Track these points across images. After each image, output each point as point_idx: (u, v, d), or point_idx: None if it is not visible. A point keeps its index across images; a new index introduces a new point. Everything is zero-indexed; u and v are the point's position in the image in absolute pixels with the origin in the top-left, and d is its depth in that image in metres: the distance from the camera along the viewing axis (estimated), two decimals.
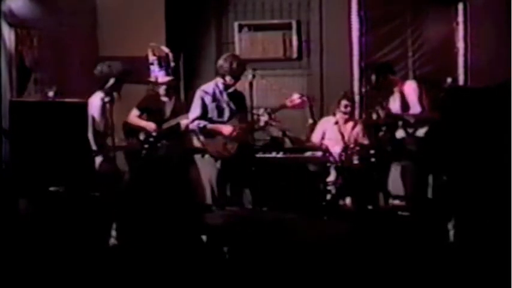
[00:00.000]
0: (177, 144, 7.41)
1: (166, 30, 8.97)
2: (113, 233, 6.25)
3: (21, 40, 7.60)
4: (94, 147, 6.77)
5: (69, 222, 5.70)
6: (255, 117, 6.90)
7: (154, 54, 7.45)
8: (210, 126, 6.82)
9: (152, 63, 7.47)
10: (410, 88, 7.61)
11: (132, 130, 7.53)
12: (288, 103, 6.94)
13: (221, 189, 6.83)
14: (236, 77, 6.82)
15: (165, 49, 7.52)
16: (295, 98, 6.92)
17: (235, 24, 9.43)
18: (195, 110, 6.87)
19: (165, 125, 7.35)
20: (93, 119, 6.81)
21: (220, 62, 6.88)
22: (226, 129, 6.77)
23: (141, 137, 7.37)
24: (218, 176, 6.81)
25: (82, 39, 8.53)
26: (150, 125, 7.35)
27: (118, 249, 5.98)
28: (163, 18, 9.06)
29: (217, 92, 6.88)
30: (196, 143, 7.17)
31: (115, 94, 6.88)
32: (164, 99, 7.53)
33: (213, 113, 6.87)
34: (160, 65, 7.44)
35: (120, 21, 8.73)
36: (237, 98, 6.94)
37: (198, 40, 9.48)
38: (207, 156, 6.92)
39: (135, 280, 4.89)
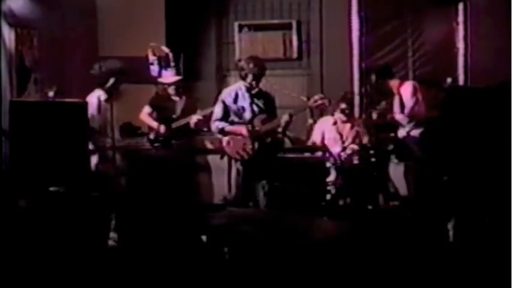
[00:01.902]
0: (186, 144, 7.42)
1: (166, 30, 8.98)
2: (113, 233, 6.26)
3: (21, 40, 7.60)
4: (91, 147, 6.75)
5: (69, 222, 5.70)
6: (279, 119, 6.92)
7: (154, 54, 7.45)
8: (228, 128, 6.86)
9: (152, 63, 7.46)
10: (407, 89, 7.64)
11: (130, 130, 7.54)
12: (312, 103, 6.98)
13: (242, 190, 6.83)
14: (257, 79, 6.84)
15: (165, 49, 7.52)
16: (317, 98, 6.97)
17: (235, 24, 9.44)
18: (216, 113, 6.94)
19: (174, 125, 7.37)
20: (91, 117, 6.79)
21: (241, 64, 6.96)
22: (245, 130, 6.81)
23: (151, 136, 7.37)
24: (238, 176, 6.82)
25: (82, 39, 8.53)
26: (160, 128, 7.36)
27: (118, 249, 5.98)
28: (163, 18, 9.06)
29: (239, 93, 6.91)
30: (209, 144, 7.15)
31: (113, 92, 6.87)
32: (175, 98, 7.55)
33: (234, 114, 6.90)
34: (160, 65, 7.44)
35: (120, 21, 8.73)
36: (262, 98, 6.94)
37: (198, 40, 9.48)
38: (226, 157, 6.94)
39: (135, 280, 4.89)
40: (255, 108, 6.90)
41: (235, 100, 6.91)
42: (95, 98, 6.82)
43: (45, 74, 7.81)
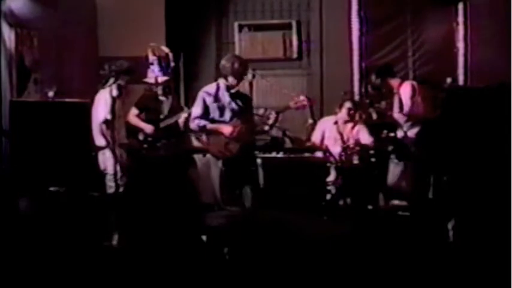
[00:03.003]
0: (176, 144, 7.41)
1: (166, 30, 8.97)
2: (112, 233, 6.25)
3: (21, 40, 7.60)
4: (104, 143, 6.70)
5: (69, 222, 5.70)
6: (264, 117, 6.93)
7: (154, 54, 7.44)
8: (210, 126, 6.86)
9: (152, 63, 7.46)
10: (406, 89, 7.65)
11: (132, 129, 7.54)
12: (292, 104, 6.99)
13: (223, 189, 6.83)
14: (238, 78, 6.85)
15: (165, 49, 7.51)
16: (300, 99, 6.98)
17: (235, 24, 9.43)
18: (196, 110, 6.91)
19: (162, 124, 7.36)
20: (107, 114, 6.74)
21: (223, 62, 6.95)
22: (227, 129, 6.80)
23: (140, 137, 7.36)
24: (220, 176, 6.82)
25: (82, 39, 8.53)
26: (149, 127, 7.35)
27: (118, 249, 5.98)
28: (163, 18, 9.06)
29: (219, 92, 6.92)
30: (196, 143, 7.14)
31: (122, 91, 6.88)
32: (162, 98, 7.54)
33: (214, 113, 6.90)
34: (160, 65, 7.44)
35: (120, 21, 8.73)
36: (240, 98, 6.96)
37: (198, 40, 9.48)
38: (208, 155, 6.94)
39: (135, 280, 4.89)
40: (235, 107, 6.91)
41: (216, 98, 6.91)
42: (107, 94, 6.80)
43: (45, 74, 7.81)
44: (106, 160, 6.72)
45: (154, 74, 7.41)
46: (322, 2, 9.24)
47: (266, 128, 7.01)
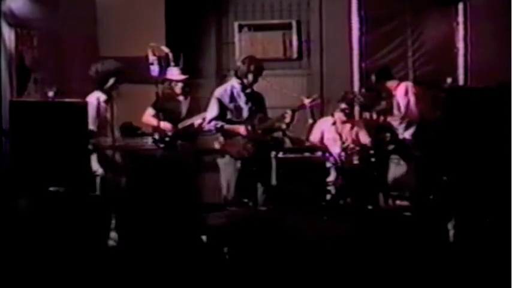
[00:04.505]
0: (191, 145, 7.41)
1: (166, 30, 8.98)
2: (112, 233, 6.26)
3: (21, 40, 7.59)
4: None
5: (69, 222, 5.70)
6: (280, 116, 6.96)
7: (154, 54, 7.43)
8: (227, 126, 6.90)
9: (152, 63, 7.45)
10: (402, 90, 7.66)
11: (130, 130, 7.52)
12: (307, 102, 7.02)
13: (242, 189, 6.86)
14: (254, 79, 6.90)
15: (165, 49, 7.51)
16: (314, 97, 7.06)
17: (235, 24, 9.43)
18: (212, 111, 6.96)
19: (180, 125, 7.35)
20: (90, 119, 6.76)
21: (239, 64, 7.01)
22: (243, 129, 6.84)
23: (156, 136, 7.31)
24: (239, 176, 6.85)
25: (82, 39, 8.53)
26: (166, 125, 7.33)
27: (118, 249, 5.99)
28: (163, 18, 9.06)
29: (235, 92, 6.97)
30: (217, 145, 7.15)
31: (114, 93, 6.87)
32: (180, 98, 7.54)
33: (231, 113, 6.94)
34: (160, 65, 7.43)
35: (120, 21, 8.73)
36: (255, 98, 7.01)
37: (198, 40, 9.48)
38: (227, 156, 6.95)
39: (135, 280, 4.89)
40: (252, 107, 6.95)
41: (231, 99, 6.94)
42: (94, 99, 6.83)
43: (45, 74, 7.81)
44: (94, 163, 6.74)
45: (155, 74, 7.40)
46: (322, 2, 9.24)
47: (283, 126, 7.04)
